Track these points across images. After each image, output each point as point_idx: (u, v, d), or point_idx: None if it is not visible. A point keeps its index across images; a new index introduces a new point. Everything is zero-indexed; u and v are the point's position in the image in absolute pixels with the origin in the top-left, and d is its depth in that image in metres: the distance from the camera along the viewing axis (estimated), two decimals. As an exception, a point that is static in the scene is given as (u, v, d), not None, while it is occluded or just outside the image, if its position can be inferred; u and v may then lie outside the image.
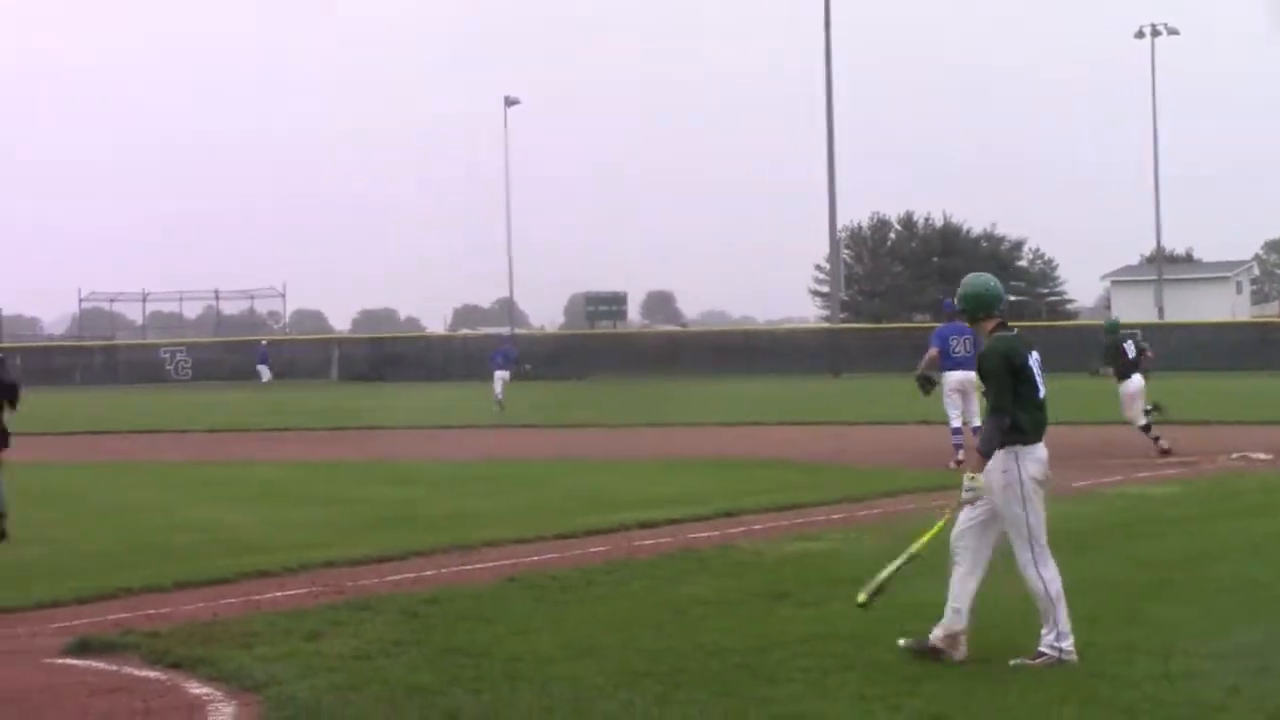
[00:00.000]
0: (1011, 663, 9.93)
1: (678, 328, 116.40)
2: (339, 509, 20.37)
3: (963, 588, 10.12)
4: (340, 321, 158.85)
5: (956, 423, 25.04)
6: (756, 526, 17.73)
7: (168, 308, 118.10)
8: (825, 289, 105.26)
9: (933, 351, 24.93)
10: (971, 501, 10.11)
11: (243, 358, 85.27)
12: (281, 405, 53.91)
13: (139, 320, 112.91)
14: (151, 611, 12.82)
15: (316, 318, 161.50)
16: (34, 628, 12.28)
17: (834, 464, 25.92)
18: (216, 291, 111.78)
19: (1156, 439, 26.74)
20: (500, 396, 48.52)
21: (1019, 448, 10.02)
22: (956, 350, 24.70)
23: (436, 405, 51.75)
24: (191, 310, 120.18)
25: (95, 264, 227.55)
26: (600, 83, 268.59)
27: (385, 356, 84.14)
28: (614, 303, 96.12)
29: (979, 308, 10.43)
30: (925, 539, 10.42)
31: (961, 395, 24.93)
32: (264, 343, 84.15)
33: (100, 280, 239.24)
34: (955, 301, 10.71)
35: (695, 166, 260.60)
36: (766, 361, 76.58)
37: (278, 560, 15.39)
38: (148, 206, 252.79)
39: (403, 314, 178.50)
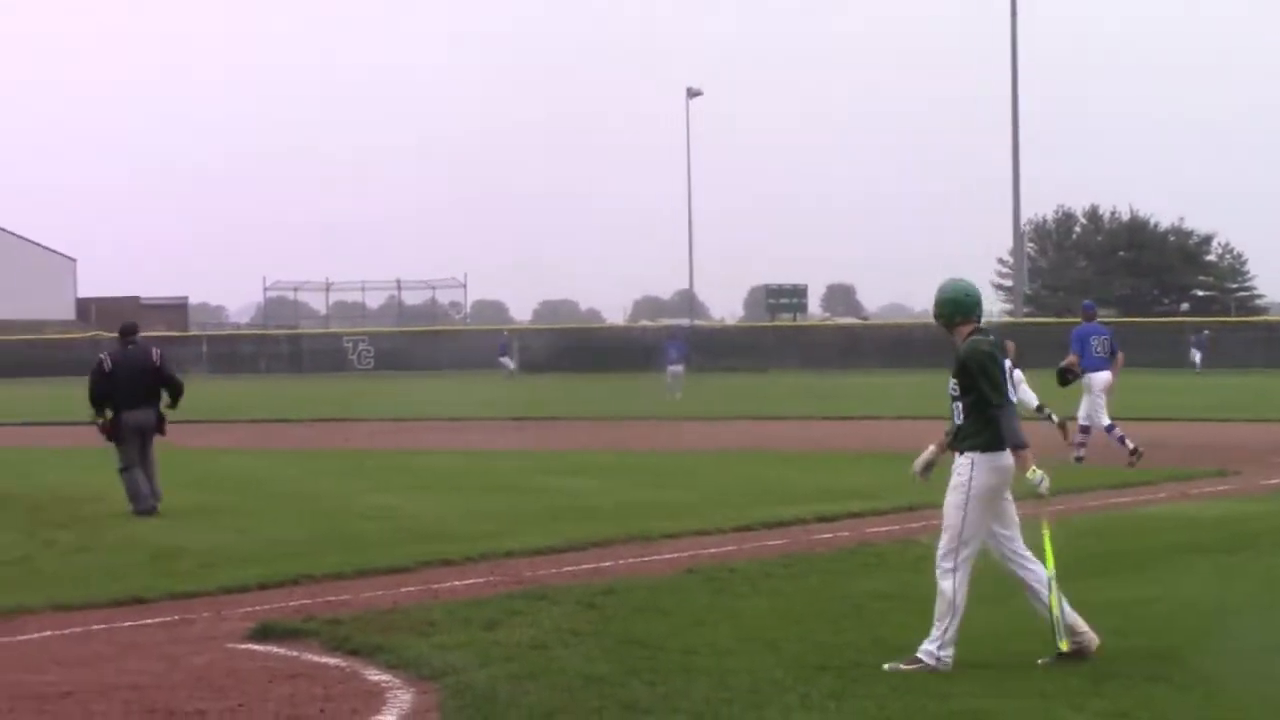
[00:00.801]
0: (885, 666, 9.76)
1: (858, 321, 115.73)
2: (518, 499, 20.53)
3: (1041, 591, 10.04)
4: (521, 312, 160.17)
5: (1085, 421, 25.19)
6: (936, 522, 17.52)
7: (350, 297, 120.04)
8: (1009, 283, 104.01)
9: (1071, 358, 25.11)
10: (1049, 493, 10.09)
11: (424, 347, 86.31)
12: (453, 394, 54.46)
13: (322, 309, 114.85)
14: (332, 598, 13.03)
15: (497, 308, 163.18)
16: (218, 612, 12.55)
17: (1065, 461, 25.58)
18: (398, 281, 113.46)
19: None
20: (674, 387, 48.65)
21: (978, 454, 9.98)
22: (1097, 351, 25.18)
23: (614, 396, 51.94)
24: (374, 300, 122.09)
25: (280, 253, 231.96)
26: (780, 81, 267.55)
27: (565, 347, 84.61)
28: (794, 295, 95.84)
29: (956, 312, 10.36)
30: (1049, 556, 10.20)
31: (1105, 394, 25.14)
32: (505, 333, 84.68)
33: (285, 270, 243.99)
34: (936, 307, 10.52)
35: (880, 161, 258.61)
36: (946, 356, 75.70)
37: (457, 549, 15.57)
38: (333, 198, 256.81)
39: (583, 305, 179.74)
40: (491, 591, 13.17)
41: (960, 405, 10.11)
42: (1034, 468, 9.98)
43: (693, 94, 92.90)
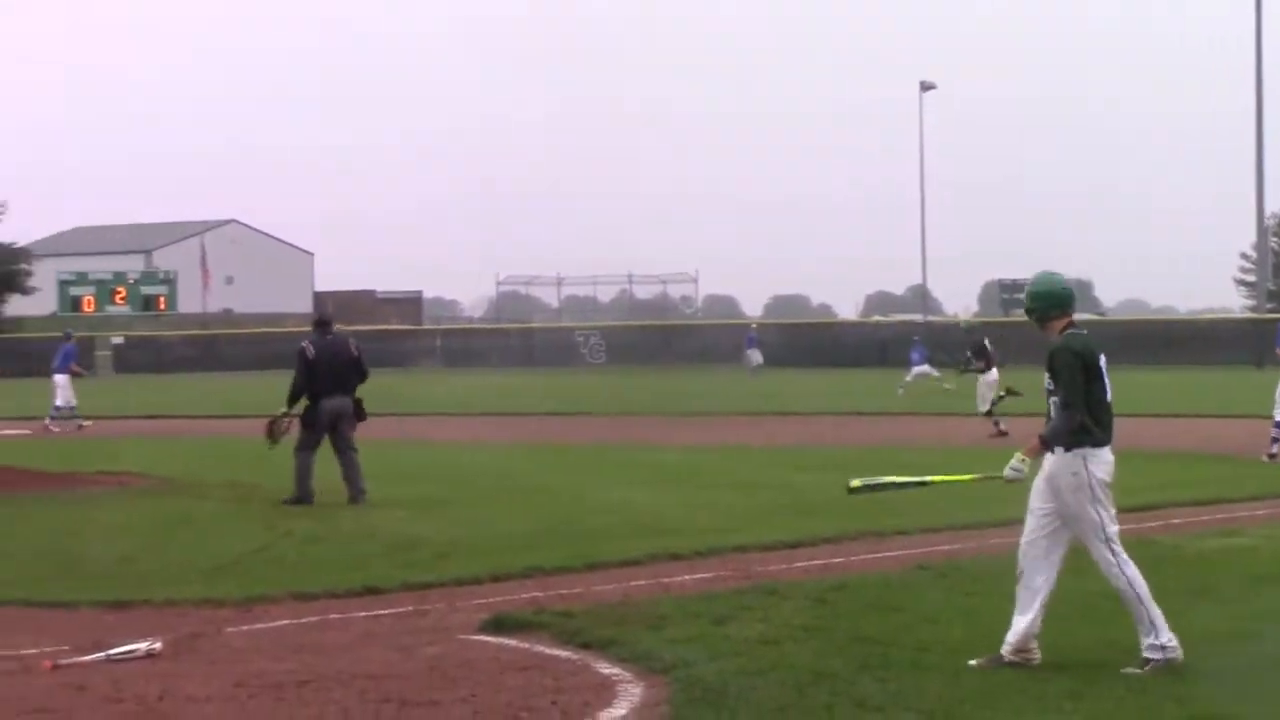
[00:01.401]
0: (1123, 670, 9.62)
1: (1094, 316, 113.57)
2: (751, 494, 20.57)
3: (1037, 598, 9.95)
4: (752, 307, 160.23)
5: None
6: (1175, 520, 17.25)
7: (582, 292, 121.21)
8: (1251, 278, 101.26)
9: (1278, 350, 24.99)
10: (1011, 481, 10.02)
11: (655, 341, 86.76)
12: (685, 389, 54.64)
13: (554, 304, 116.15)
14: (564, 591, 13.19)
15: (729, 303, 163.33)
16: (452, 604, 12.77)
17: (1255, 458, 24.99)
18: (630, 276, 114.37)
19: (997, 423, 31.94)
20: (910, 382, 48.67)
21: (1087, 450, 9.87)
22: None
23: (845, 391, 51.71)
24: (605, 294, 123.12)
25: (513, 249, 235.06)
26: (1012, 67, 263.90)
27: (797, 343, 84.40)
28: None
29: (1051, 306, 10.21)
30: (948, 478, 10.49)
31: None
32: (754, 326, 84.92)
33: (517, 265, 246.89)
34: (1028, 300, 10.35)
35: (1112, 153, 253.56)
36: (1185, 352, 74.13)
37: (688, 544, 15.65)
38: (563, 192, 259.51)
39: (814, 300, 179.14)
40: (722, 586, 13.22)
41: (1055, 402, 10.04)
42: (1026, 461, 9.96)
43: (926, 87, 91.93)
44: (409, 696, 9.31)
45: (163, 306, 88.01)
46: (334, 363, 20.49)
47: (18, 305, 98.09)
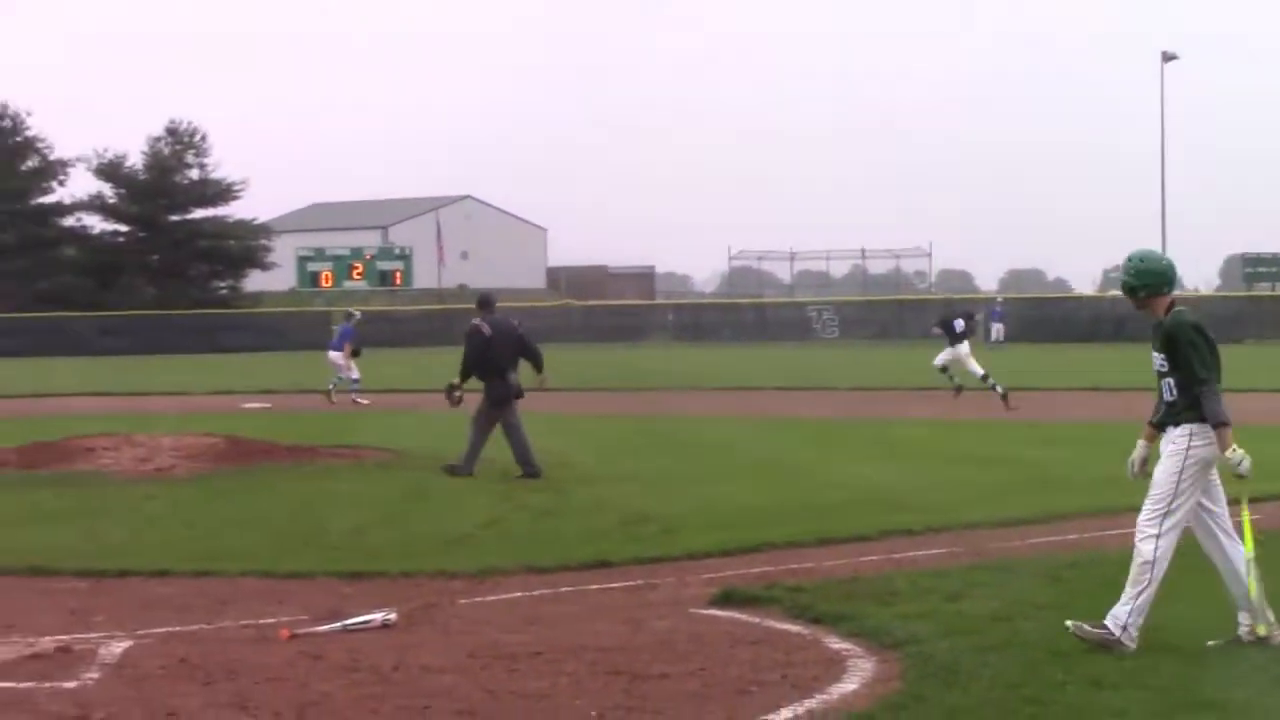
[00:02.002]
0: (1068, 624, 9.74)
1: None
2: (985, 470, 20.37)
3: (1234, 571, 9.87)
4: (987, 281, 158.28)
5: None
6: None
7: (815, 266, 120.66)
8: None
9: None
10: (1249, 474, 9.77)
11: (888, 316, 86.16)
12: (918, 363, 54.08)
13: (786, 278, 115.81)
14: (795, 566, 13.21)
15: (963, 277, 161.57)
16: (682, 578, 12.86)
17: None
18: (863, 250, 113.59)
19: (959, 388, 35.48)
20: None
21: (1194, 425, 9.79)
22: None
23: (1080, 367, 50.85)
24: (838, 269, 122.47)
25: (745, 223, 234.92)
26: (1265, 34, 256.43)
27: (1034, 317, 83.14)
28: (1274, 264, 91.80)
29: (1162, 283, 10.06)
30: (1249, 537, 9.88)
31: None
32: (1000, 300, 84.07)
33: (749, 239, 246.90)
34: (1132, 278, 10.09)
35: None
36: None
37: (920, 519, 15.57)
38: (795, 166, 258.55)
39: (1050, 274, 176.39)
40: (954, 562, 13.14)
41: (1170, 381, 9.87)
42: (1234, 446, 9.66)
43: (1167, 58, 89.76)
44: (639, 669, 9.39)
45: (399, 281, 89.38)
46: (505, 341, 21.07)
47: (257, 281, 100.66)
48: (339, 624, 10.76)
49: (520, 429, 20.90)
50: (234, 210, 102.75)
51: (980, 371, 34.96)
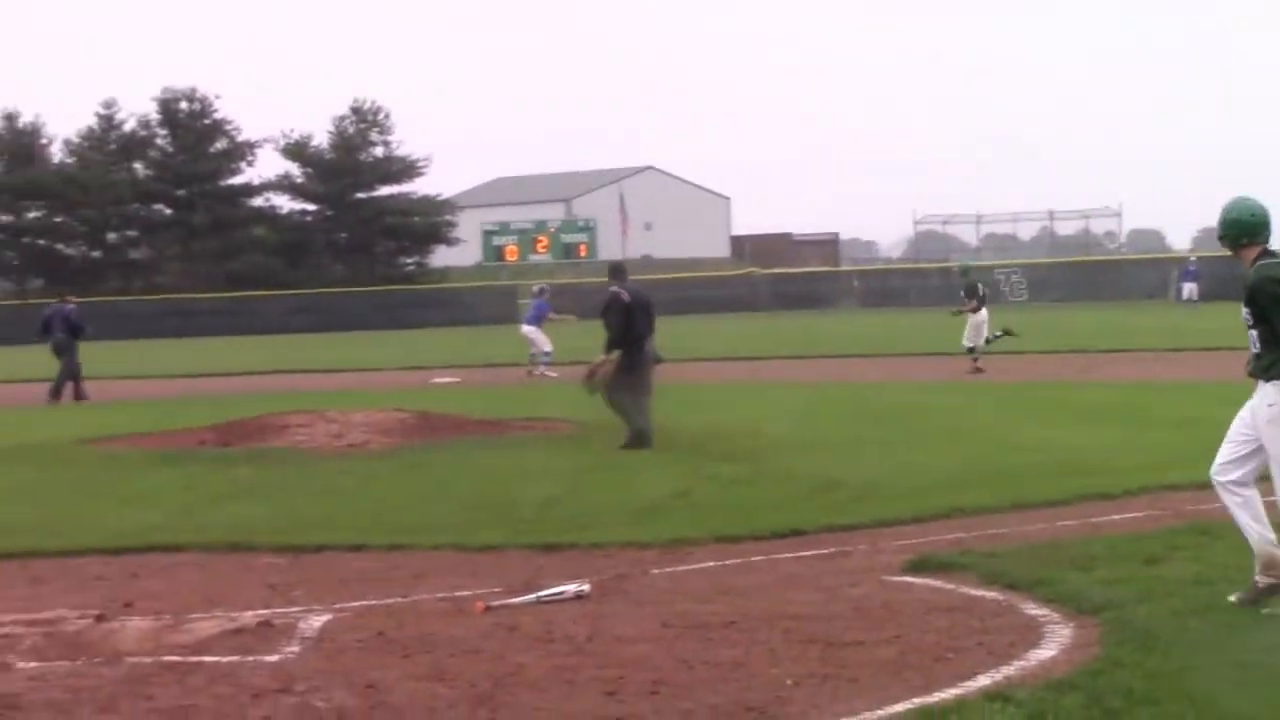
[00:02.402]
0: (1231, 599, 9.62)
1: None
2: (1182, 431, 20.01)
3: (1246, 516, 9.87)
4: (1180, 240, 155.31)
5: None
6: None
7: (1001, 229, 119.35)
8: None
9: None
10: None
11: (1078, 278, 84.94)
12: (1110, 325, 53.32)
13: (973, 242, 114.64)
14: (989, 532, 13.09)
15: (1154, 237, 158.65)
16: (874, 545, 12.81)
17: None
18: (1050, 212, 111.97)
19: (976, 359, 34.97)
20: None
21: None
22: None
23: None
24: (1026, 231, 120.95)
25: (930, 186, 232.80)
26: None
27: (1226, 276, 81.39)
28: None
29: (1241, 233, 9.81)
30: None
31: None
32: (1192, 260, 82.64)
33: (935, 203, 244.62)
34: (1220, 227, 9.89)
35: None
36: None
37: (1117, 483, 15.36)
38: (980, 128, 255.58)
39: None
40: (1152, 526, 12.94)
41: (1254, 334, 9.64)
42: None
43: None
44: (834, 637, 9.37)
45: (583, 254, 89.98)
46: (643, 308, 21.12)
47: (443, 256, 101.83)
48: (533, 596, 10.86)
49: (651, 396, 20.87)
50: (418, 187, 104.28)
51: (985, 336, 35.76)
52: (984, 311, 35.83)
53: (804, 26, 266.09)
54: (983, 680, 8.19)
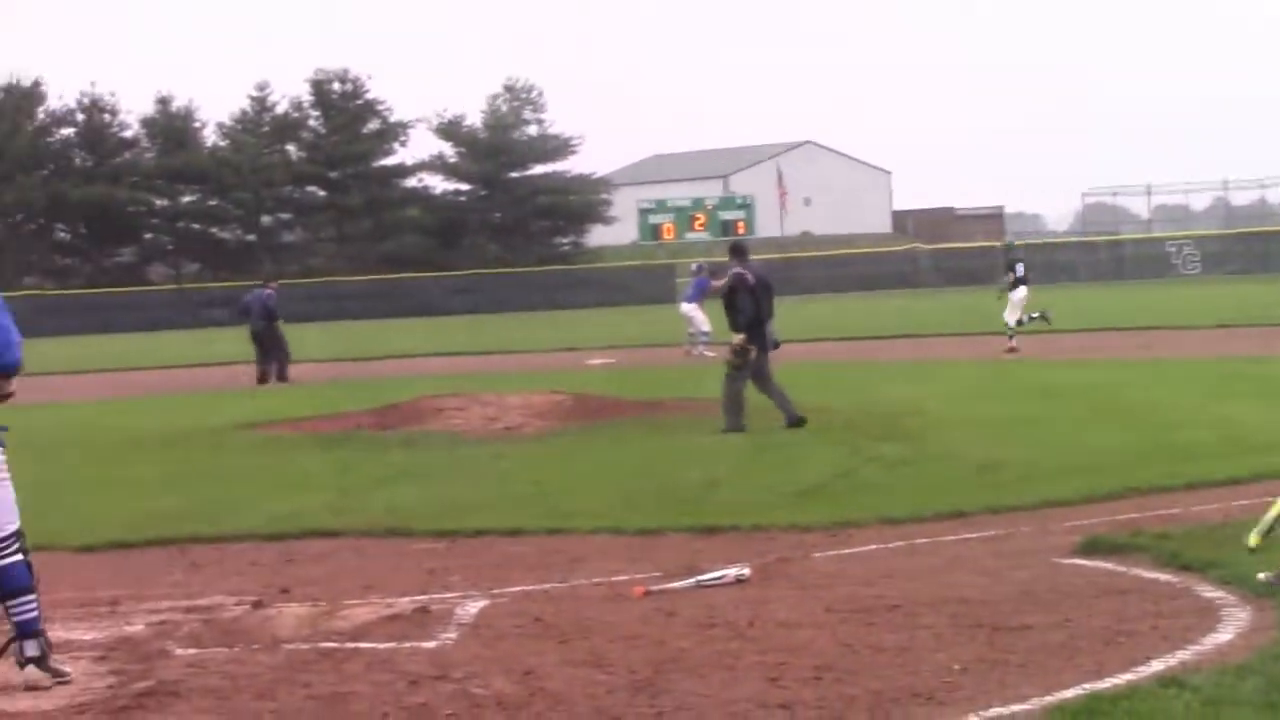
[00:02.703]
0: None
1: None
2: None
3: None
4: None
5: None
6: None
7: (1173, 200, 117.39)
8: None
9: None
10: None
11: (1254, 249, 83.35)
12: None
13: (1143, 214, 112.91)
14: (1161, 512, 12.91)
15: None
16: (1042, 526, 12.68)
17: None
18: (1225, 182, 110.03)
19: (1011, 337, 35.23)
20: None
21: None
22: None
23: None
24: (1199, 202, 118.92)
25: (1098, 158, 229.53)
26: None
27: None
28: None
29: None
30: None
31: None
32: None
33: (1103, 174, 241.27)
34: None
35: None
36: None
37: (1295, 461, 15.07)
38: (1156, 96, 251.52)
39: None
40: (1335, 506, 12.68)
41: None
42: None
43: None
44: (1000, 621, 9.29)
45: (741, 231, 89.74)
46: (766, 289, 21.07)
47: (599, 235, 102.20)
48: (692, 580, 10.86)
49: (773, 379, 20.80)
50: (572, 165, 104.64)
51: (1019, 317, 36.08)
52: (1023, 290, 36.22)
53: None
54: (1156, 665, 8.08)
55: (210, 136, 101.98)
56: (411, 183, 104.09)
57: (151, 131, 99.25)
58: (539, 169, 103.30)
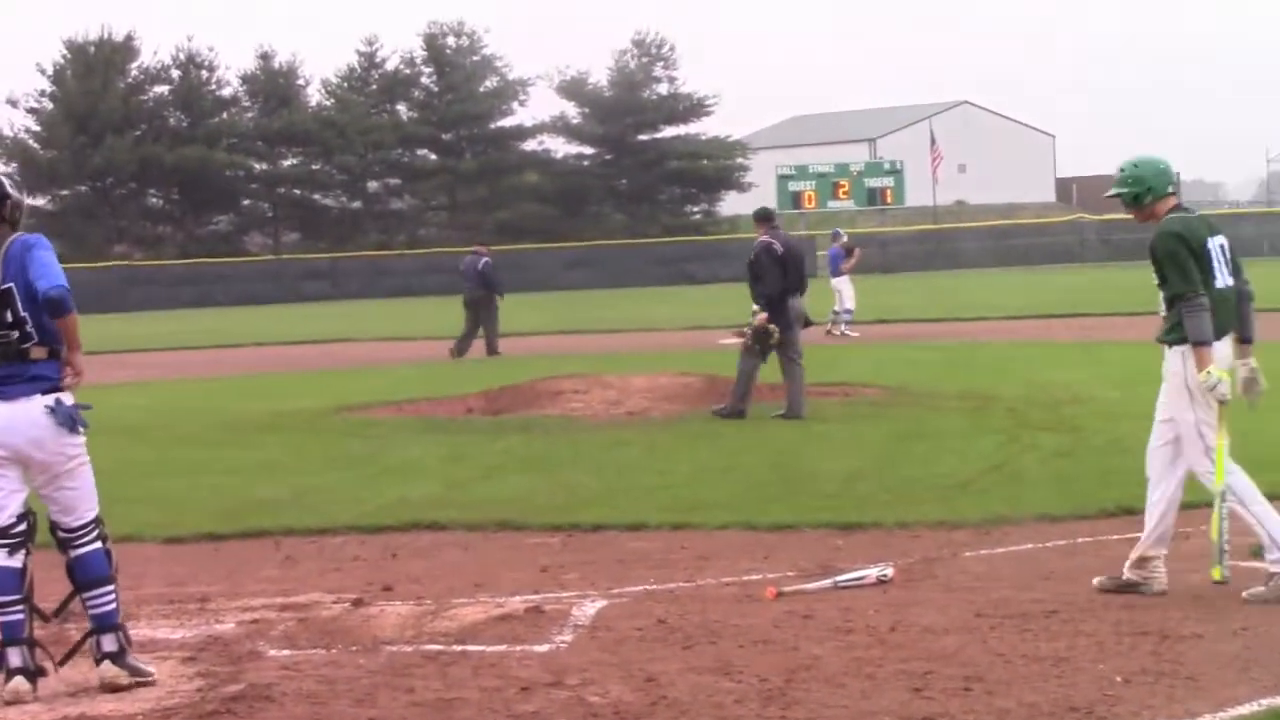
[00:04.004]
0: (1245, 594, 9.85)
1: None
2: None
3: (1155, 511, 10.33)
4: None
5: None
6: None
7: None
8: None
9: None
10: (1224, 397, 10.02)
11: None
12: None
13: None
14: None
15: None
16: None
17: None
18: None
19: None
20: None
21: (1186, 347, 10.05)
22: None
23: None
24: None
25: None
26: None
27: None
28: None
29: (1144, 191, 10.44)
30: (1219, 471, 10.13)
31: None
32: None
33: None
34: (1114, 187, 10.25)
35: None
36: None
37: None
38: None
39: None
40: None
41: (1161, 295, 10.00)
42: (1211, 369, 9.95)
43: None
44: (1169, 629, 9.21)
45: (889, 200, 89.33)
46: (795, 259, 21.16)
47: (734, 203, 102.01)
48: (829, 581, 10.85)
49: (800, 365, 20.68)
50: (706, 127, 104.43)
51: None
52: None
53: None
54: (1342, 680, 7.99)
55: (314, 96, 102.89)
56: (531, 146, 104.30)
57: (251, 90, 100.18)
58: (669, 131, 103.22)
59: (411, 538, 13.67)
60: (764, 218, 22.09)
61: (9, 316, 8.47)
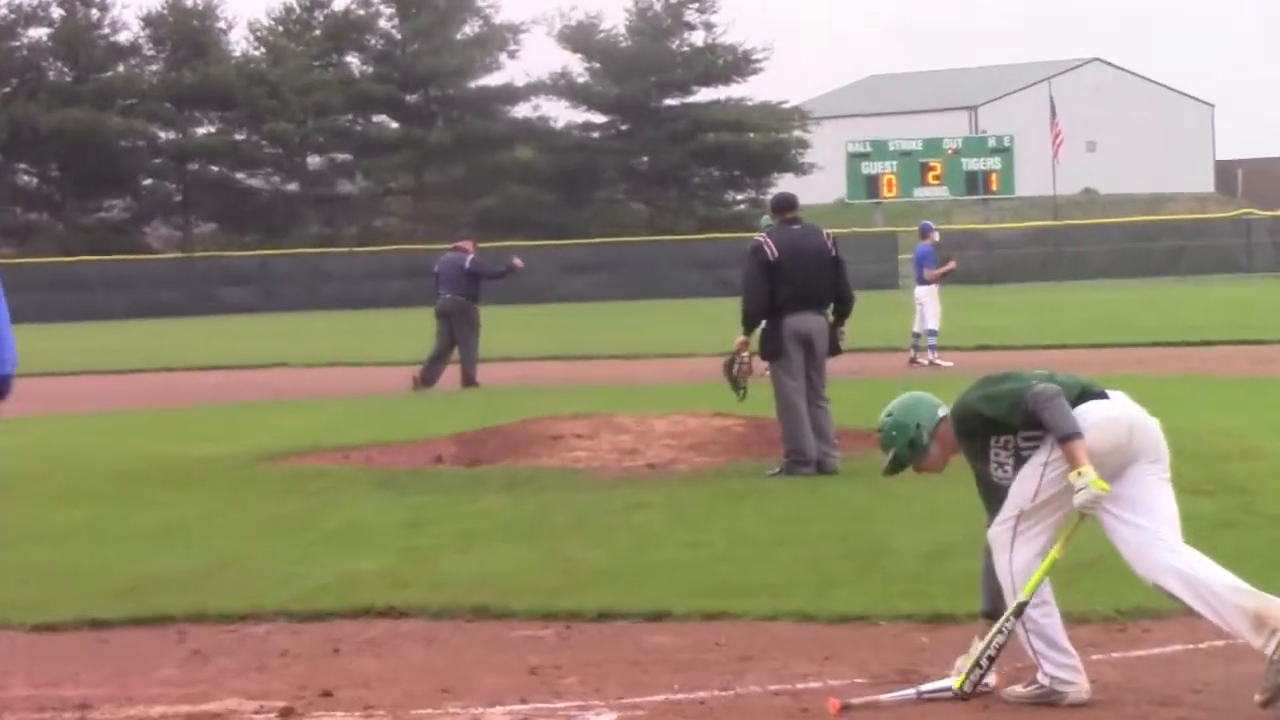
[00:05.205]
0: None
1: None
2: None
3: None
4: None
5: None
6: None
7: None
8: None
9: None
10: (1093, 508, 10.89)
11: None
12: None
13: None
14: None
15: None
16: None
17: None
18: None
19: None
20: None
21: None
22: None
23: None
24: None
25: None
26: None
27: None
28: None
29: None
30: (1032, 583, 11.19)
31: None
32: None
33: None
34: None
35: None
36: None
37: None
38: None
39: None
40: None
41: None
42: (1084, 470, 10.88)
43: None
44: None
45: (994, 187, 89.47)
46: (802, 264, 20.79)
47: (790, 189, 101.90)
48: (911, 691, 10.86)
49: (825, 403, 21.02)
50: (754, 90, 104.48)
51: None
52: None
53: None
54: None
55: (239, 43, 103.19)
56: (523, 112, 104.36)
57: (156, 35, 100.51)
58: (705, 94, 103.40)
59: (359, 626, 13.68)
60: (783, 205, 21.89)
61: None
